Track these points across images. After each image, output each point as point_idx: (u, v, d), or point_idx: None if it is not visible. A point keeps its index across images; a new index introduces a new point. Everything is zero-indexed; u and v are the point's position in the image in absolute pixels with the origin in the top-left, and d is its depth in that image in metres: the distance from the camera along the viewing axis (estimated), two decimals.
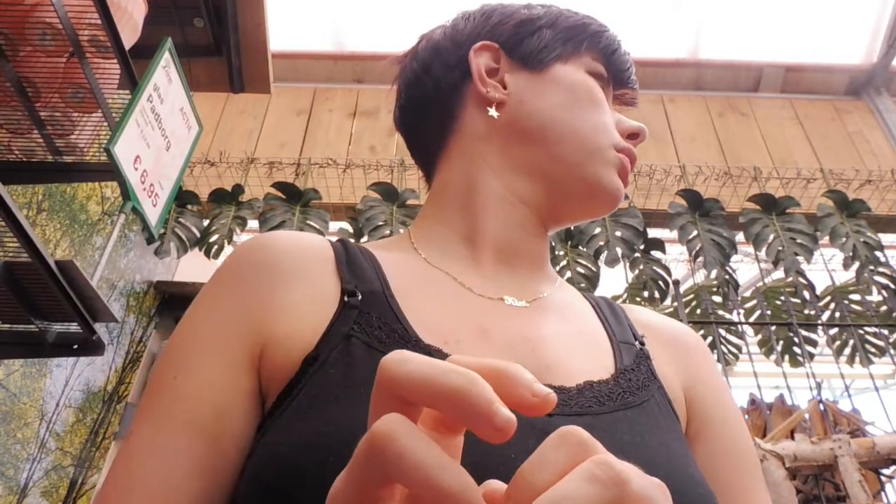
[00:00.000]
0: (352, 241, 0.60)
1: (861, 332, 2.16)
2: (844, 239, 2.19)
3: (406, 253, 0.59)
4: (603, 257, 2.14)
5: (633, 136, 0.63)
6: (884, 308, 2.20)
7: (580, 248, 2.20)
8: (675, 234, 2.21)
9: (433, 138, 0.66)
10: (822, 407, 1.94)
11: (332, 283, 0.51)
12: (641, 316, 0.63)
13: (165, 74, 1.35)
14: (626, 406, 0.48)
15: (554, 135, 0.59)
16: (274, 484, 0.40)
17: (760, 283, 2.38)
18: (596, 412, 0.46)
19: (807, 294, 2.16)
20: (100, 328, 1.19)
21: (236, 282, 0.52)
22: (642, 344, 0.57)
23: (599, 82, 0.63)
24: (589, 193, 0.60)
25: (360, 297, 0.49)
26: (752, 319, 2.29)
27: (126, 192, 1.20)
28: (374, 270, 0.53)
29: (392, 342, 0.46)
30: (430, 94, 0.65)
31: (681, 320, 2.05)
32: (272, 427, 0.44)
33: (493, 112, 0.61)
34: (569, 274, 2.15)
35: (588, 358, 0.52)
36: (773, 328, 2.18)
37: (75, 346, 1.20)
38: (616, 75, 0.65)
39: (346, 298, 0.49)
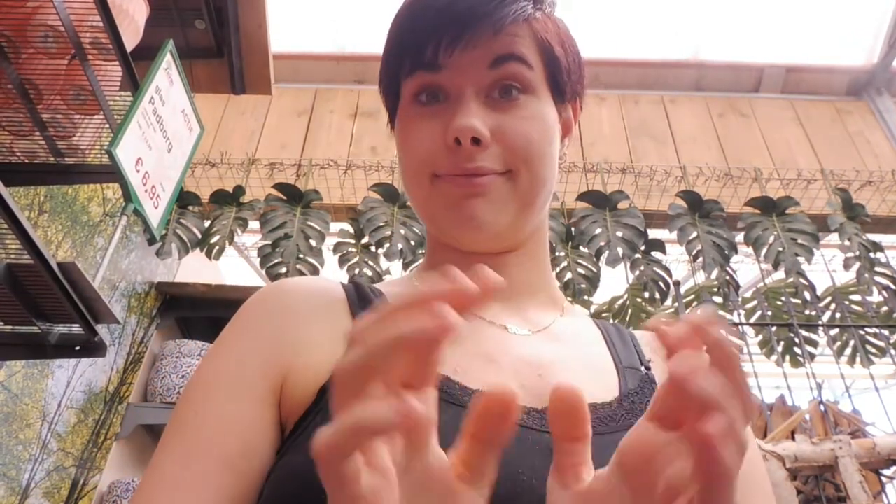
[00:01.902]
0: (363, 282, 0.61)
1: (862, 332, 2.16)
2: (848, 241, 2.19)
3: (411, 289, 0.60)
4: (604, 258, 2.14)
5: (455, 141, 0.52)
6: (884, 309, 2.20)
7: (581, 248, 2.20)
8: (675, 234, 2.22)
9: None
10: (822, 407, 1.94)
11: (346, 322, 0.53)
12: (650, 339, 0.62)
13: (167, 76, 1.36)
14: (628, 427, 0.48)
15: (409, 196, 0.60)
16: (291, 497, 0.42)
17: (761, 284, 2.38)
18: (598, 432, 0.46)
19: (807, 295, 2.16)
20: (101, 329, 1.20)
21: (255, 322, 0.54)
22: (648, 368, 0.57)
23: (429, 92, 0.55)
24: (450, 240, 0.58)
25: None
26: (752, 320, 2.29)
27: (128, 194, 1.21)
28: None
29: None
30: None
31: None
32: (291, 449, 0.46)
33: None
34: (569, 275, 2.15)
35: (592, 382, 0.53)
36: (774, 329, 2.18)
37: (77, 348, 1.21)
38: (445, 46, 0.53)
39: None
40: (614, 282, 2.34)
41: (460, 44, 0.52)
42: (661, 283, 2.13)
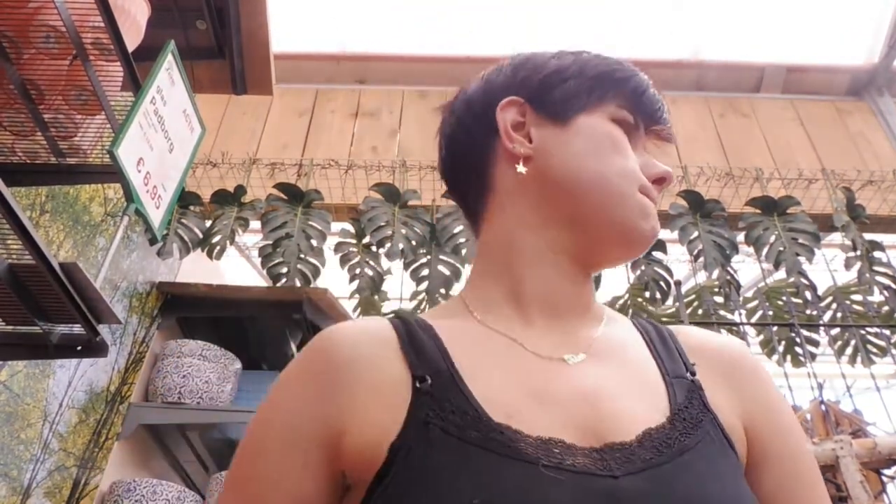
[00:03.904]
0: (410, 315, 0.63)
1: (863, 332, 2.16)
2: (852, 241, 2.19)
3: (462, 318, 0.61)
4: None
5: (660, 180, 0.64)
6: (885, 308, 2.20)
7: None
8: (676, 234, 2.22)
9: (472, 196, 0.68)
10: (823, 407, 1.94)
11: (401, 368, 0.54)
12: (691, 339, 0.64)
13: (168, 76, 1.36)
14: (684, 450, 0.50)
15: (580, 185, 0.61)
16: None
17: (762, 284, 2.38)
18: (656, 463, 0.48)
19: (808, 294, 2.16)
20: (103, 329, 1.20)
21: (307, 378, 0.56)
22: (693, 374, 0.58)
23: (625, 128, 0.64)
24: (621, 239, 0.61)
25: (429, 382, 0.52)
26: (753, 320, 2.29)
27: (129, 194, 1.21)
28: (437, 347, 0.56)
29: (466, 425, 0.49)
30: (465, 150, 0.68)
31: (682, 321, 2.06)
32: None
33: (520, 168, 0.62)
34: None
35: (644, 401, 0.54)
36: (775, 329, 2.18)
37: (79, 348, 1.21)
38: (646, 116, 0.67)
39: (417, 384, 0.52)
40: (615, 281, 2.34)
41: (653, 125, 0.68)
42: (662, 283, 2.13)
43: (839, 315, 2.24)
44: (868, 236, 2.29)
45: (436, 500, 0.45)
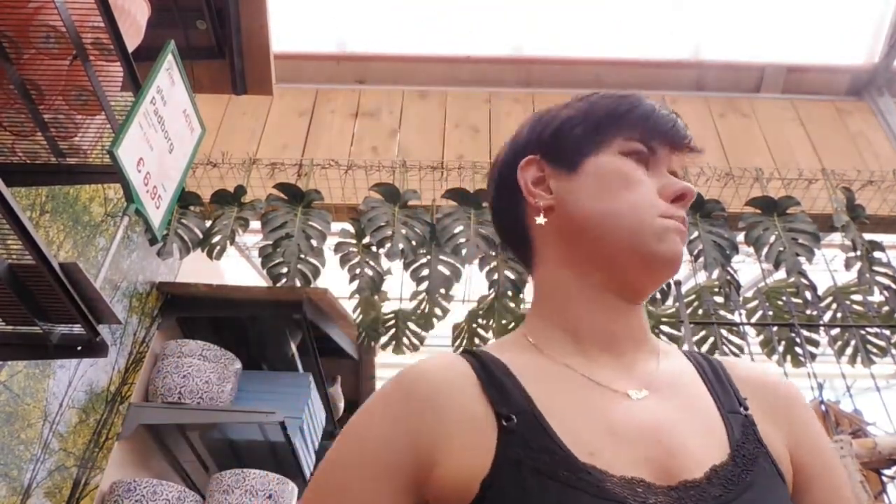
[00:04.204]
0: (481, 352, 0.65)
1: (863, 332, 2.16)
2: (851, 240, 2.19)
3: (531, 354, 0.64)
4: None
5: (680, 197, 0.65)
6: (885, 308, 2.20)
7: None
8: None
9: (520, 249, 0.74)
10: (823, 407, 1.94)
11: (484, 406, 0.58)
12: (740, 372, 0.67)
13: (168, 77, 1.36)
14: (747, 487, 0.53)
15: (595, 226, 0.65)
16: None
17: (762, 284, 2.38)
18: (725, 501, 0.52)
19: (808, 294, 2.15)
20: (103, 329, 1.20)
21: (398, 410, 0.59)
22: (746, 408, 0.62)
23: (640, 157, 0.67)
24: (641, 267, 0.64)
25: (515, 421, 0.56)
26: (753, 320, 2.28)
27: (129, 195, 1.21)
28: (515, 385, 0.59)
29: (555, 464, 0.52)
30: (504, 211, 0.74)
31: (682, 321, 2.06)
32: None
33: (539, 219, 0.67)
34: None
35: (707, 438, 0.57)
36: (775, 329, 2.18)
37: (79, 348, 1.21)
38: (660, 138, 0.68)
39: (503, 423, 0.56)
40: None
41: (671, 146, 0.69)
42: None
43: (839, 315, 2.24)
44: (868, 236, 2.29)
45: None
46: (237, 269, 3.32)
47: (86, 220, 1.95)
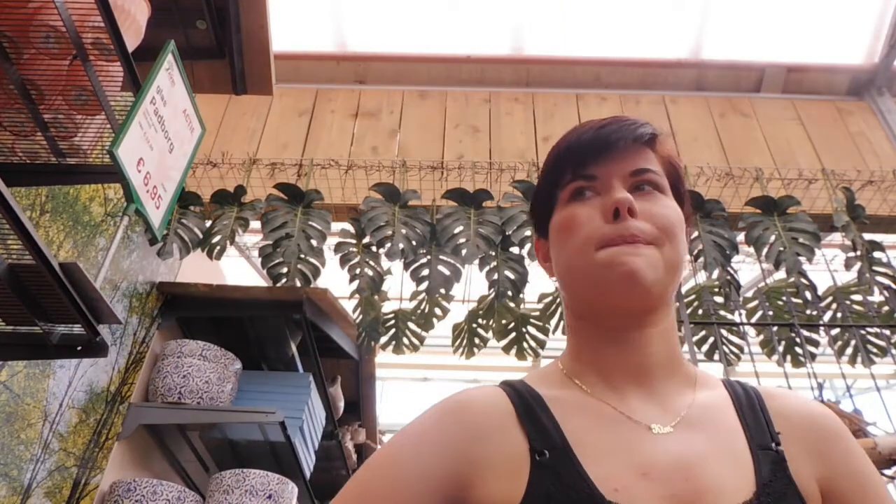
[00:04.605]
0: (519, 384, 0.68)
1: (863, 332, 2.16)
2: (851, 240, 2.19)
3: (569, 389, 0.67)
4: None
5: (615, 212, 0.64)
6: (885, 308, 2.20)
7: None
8: None
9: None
10: None
11: (520, 439, 0.61)
12: (778, 404, 0.67)
13: (168, 76, 1.36)
14: None
15: (563, 277, 0.69)
16: None
17: (762, 284, 2.38)
18: None
19: (809, 294, 2.15)
20: (103, 329, 1.20)
21: (443, 434, 0.62)
22: (778, 444, 0.62)
23: (582, 193, 0.68)
24: (612, 296, 0.64)
25: (548, 456, 0.58)
26: (753, 320, 2.28)
27: (129, 194, 1.21)
28: (550, 420, 0.62)
29: (581, 500, 0.55)
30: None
31: (682, 321, 2.06)
32: None
33: (553, 281, 0.74)
34: None
35: (733, 473, 0.58)
36: (775, 329, 2.18)
37: (79, 348, 1.21)
38: (593, 159, 0.68)
39: (536, 457, 0.58)
40: None
41: (607, 159, 0.68)
42: None
43: (839, 315, 2.24)
44: (868, 236, 2.29)
45: None
46: (237, 269, 3.32)
47: (86, 220, 1.95)
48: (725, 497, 0.55)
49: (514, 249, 2.21)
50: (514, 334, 2.25)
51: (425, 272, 2.18)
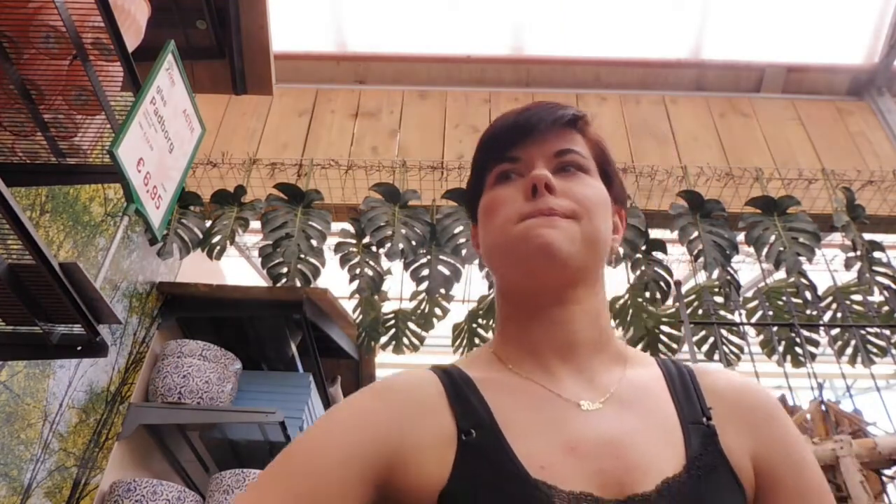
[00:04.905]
0: (451, 367, 0.68)
1: (863, 332, 2.16)
2: (851, 240, 2.19)
3: (497, 369, 0.67)
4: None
5: (533, 189, 0.65)
6: (885, 308, 2.20)
7: None
8: (676, 234, 2.21)
9: None
10: (823, 407, 1.94)
11: (448, 420, 0.60)
12: (710, 380, 0.67)
13: (168, 77, 1.36)
14: (699, 499, 0.55)
15: (489, 257, 0.70)
16: None
17: (762, 284, 2.38)
18: None
19: (808, 294, 2.15)
20: (103, 329, 1.20)
21: (367, 415, 0.62)
22: (709, 418, 0.62)
23: (507, 176, 0.69)
24: (530, 268, 0.65)
25: (474, 436, 0.58)
26: (753, 320, 2.28)
27: (129, 194, 1.21)
28: (479, 401, 0.62)
29: (507, 479, 0.54)
30: None
31: (682, 321, 2.06)
32: None
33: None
34: None
35: (663, 449, 0.58)
36: (775, 329, 2.18)
37: (79, 348, 1.21)
38: (518, 141, 0.69)
39: (463, 437, 0.58)
40: (615, 282, 2.34)
41: (531, 141, 0.69)
42: (662, 283, 2.13)
43: (839, 315, 2.24)
44: (868, 236, 2.29)
45: None
46: (237, 269, 3.32)
47: (86, 220, 1.95)
48: (654, 471, 0.55)
49: None
50: None
51: (425, 272, 2.18)
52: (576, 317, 0.66)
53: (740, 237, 2.23)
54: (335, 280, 2.48)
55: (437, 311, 2.24)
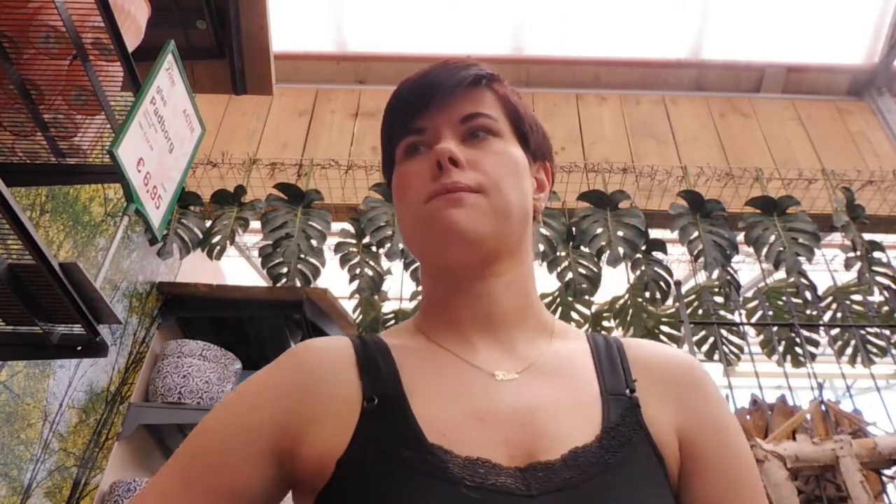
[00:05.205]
0: (370, 336, 0.67)
1: (863, 332, 2.16)
2: (851, 240, 2.19)
3: (418, 339, 0.66)
4: (605, 257, 2.14)
5: (438, 165, 0.62)
6: (885, 308, 2.20)
7: (582, 248, 2.20)
8: (676, 234, 2.22)
9: None
10: (823, 407, 1.94)
11: (355, 388, 0.59)
12: (639, 353, 0.65)
13: (168, 76, 1.36)
14: (606, 469, 0.52)
15: (404, 234, 0.67)
16: None
17: (762, 284, 2.38)
18: (576, 482, 0.51)
19: (808, 294, 2.15)
20: (103, 329, 1.20)
21: (276, 385, 0.61)
22: (632, 391, 0.60)
23: (415, 148, 0.66)
24: (443, 249, 0.63)
25: (377, 403, 0.57)
26: (753, 320, 2.28)
27: (129, 194, 1.21)
28: (389, 369, 0.61)
29: (402, 446, 0.53)
30: None
31: (682, 321, 2.06)
32: None
33: None
34: (570, 275, 2.15)
35: (577, 420, 0.57)
36: (775, 329, 2.18)
37: (79, 348, 1.21)
38: (421, 110, 0.65)
39: (366, 404, 0.57)
40: (615, 282, 2.34)
41: (434, 108, 0.65)
42: (662, 283, 2.13)
43: (839, 315, 2.24)
44: (868, 236, 2.29)
45: None
46: (237, 269, 3.32)
47: (86, 220, 1.95)
48: (563, 441, 0.54)
49: None
50: None
51: None
52: (496, 289, 0.64)
53: (740, 237, 2.23)
54: (335, 280, 2.48)
55: None
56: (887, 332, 2.12)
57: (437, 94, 0.64)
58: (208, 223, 2.26)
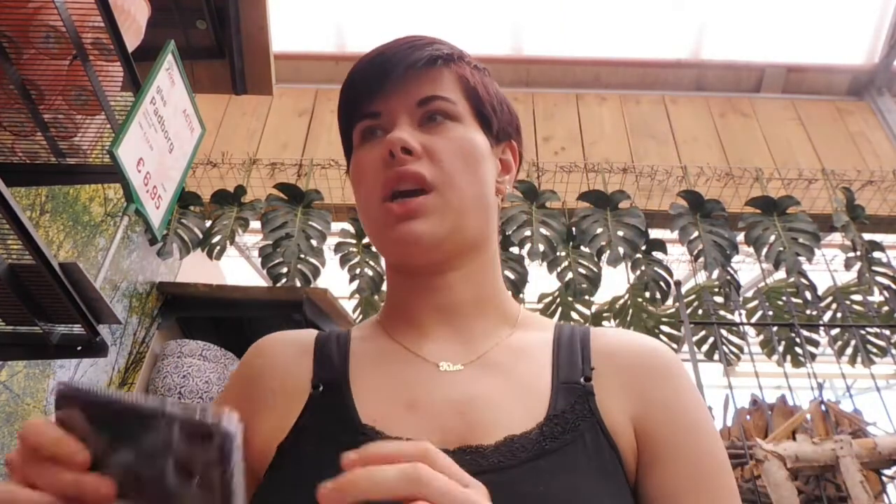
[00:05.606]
0: (340, 331, 0.68)
1: (863, 332, 2.16)
2: (850, 240, 2.19)
3: (376, 334, 0.67)
4: (605, 257, 2.14)
5: (389, 155, 0.60)
6: (885, 308, 2.20)
7: (582, 248, 2.20)
8: (676, 234, 2.22)
9: None
10: (823, 407, 1.94)
11: (306, 377, 0.61)
12: (605, 342, 0.63)
13: (168, 76, 1.36)
14: (541, 455, 0.51)
15: (364, 227, 0.66)
16: None
17: (762, 284, 2.38)
18: (504, 467, 0.50)
19: (808, 294, 2.15)
20: (103, 329, 1.20)
21: (234, 381, 0.65)
22: (588, 379, 0.59)
23: (372, 133, 0.64)
24: (400, 251, 0.62)
25: (321, 389, 0.59)
26: (753, 320, 2.29)
27: (129, 194, 1.21)
28: (341, 359, 0.62)
29: (337, 430, 0.55)
30: None
31: (682, 321, 2.06)
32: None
33: None
34: (570, 275, 2.15)
35: (517, 409, 0.56)
36: (775, 329, 2.18)
37: (79, 348, 1.21)
38: (376, 93, 0.63)
39: (311, 391, 0.59)
40: (615, 282, 2.34)
41: (389, 91, 0.62)
42: (661, 283, 2.13)
43: (839, 315, 2.24)
44: (868, 236, 2.29)
45: (292, 499, 0.51)
46: (237, 269, 3.32)
47: (86, 220, 1.95)
48: (500, 429, 0.53)
49: (514, 249, 2.21)
50: None
51: None
52: (455, 281, 0.63)
53: (740, 237, 2.23)
54: (335, 280, 2.48)
55: None
56: (887, 332, 2.12)
57: (391, 76, 0.61)
58: (208, 223, 2.26)
